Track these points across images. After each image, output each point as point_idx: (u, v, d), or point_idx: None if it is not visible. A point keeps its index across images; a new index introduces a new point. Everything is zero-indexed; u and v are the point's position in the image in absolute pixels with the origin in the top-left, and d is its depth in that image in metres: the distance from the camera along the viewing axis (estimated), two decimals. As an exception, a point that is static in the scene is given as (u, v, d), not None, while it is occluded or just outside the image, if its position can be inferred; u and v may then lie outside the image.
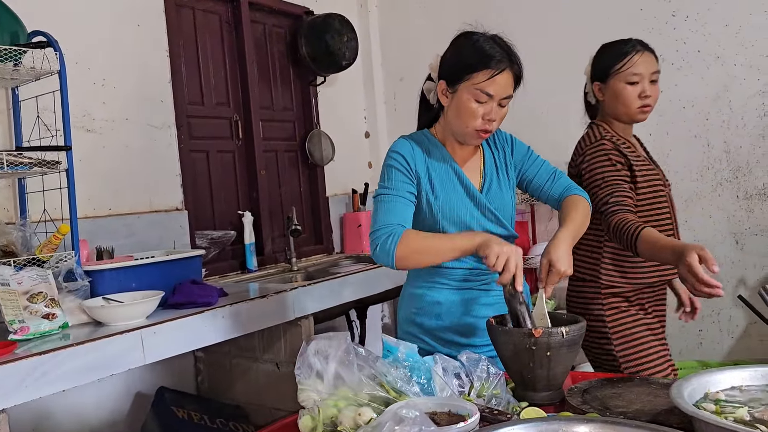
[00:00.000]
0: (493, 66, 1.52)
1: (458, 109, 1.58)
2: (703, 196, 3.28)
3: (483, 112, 1.55)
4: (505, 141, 1.75)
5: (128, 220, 2.65)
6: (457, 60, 1.59)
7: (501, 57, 1.53)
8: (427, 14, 3.90)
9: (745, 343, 3.23)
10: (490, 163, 1.71)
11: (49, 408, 2.31)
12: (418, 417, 0.89)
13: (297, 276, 3.24)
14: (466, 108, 1.56)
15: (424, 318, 1.68)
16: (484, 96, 1.54)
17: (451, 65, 1.60)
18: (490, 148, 1.73)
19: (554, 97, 3.60)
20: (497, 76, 1.52)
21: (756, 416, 1.06)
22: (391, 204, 1.56)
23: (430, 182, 1.63)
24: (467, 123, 1.57)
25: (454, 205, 1.62)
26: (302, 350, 1.22)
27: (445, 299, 1.66)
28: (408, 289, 1.75)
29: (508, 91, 1.56)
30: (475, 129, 1.57)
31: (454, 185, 1.64)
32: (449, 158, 1.66)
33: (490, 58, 1.53)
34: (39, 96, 2.25)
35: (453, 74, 1.58)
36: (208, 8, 3.19)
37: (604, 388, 1.35)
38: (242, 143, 3.31)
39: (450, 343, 1.65)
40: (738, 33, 3.12)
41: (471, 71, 1.54)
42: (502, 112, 1.59)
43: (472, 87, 1.54)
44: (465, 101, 1.56)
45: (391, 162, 1.62)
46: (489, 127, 1.57)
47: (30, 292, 1.90)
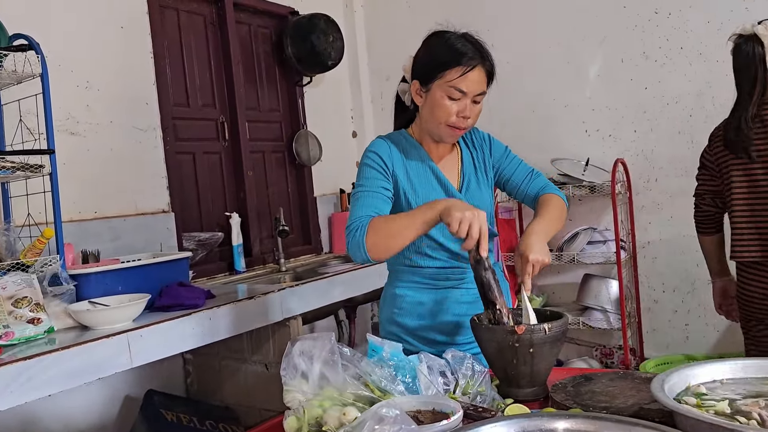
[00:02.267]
0: (464, 63, 1.54)
1: (432, 108, 1.58)
2: (688, 192, 3.30)
3: (457, 109, 1.56)
4: (483, 140, 1.75)
5: (114, 223, 2.64)
6: (429, 59, 1.60)
7: (473, 54, 1.55)
8: (412, 13, 3.91)
9: (731, 337, 3.26)
10: (468, 162, 1.71)
11: (36, 413, 2.29)
12: (398, 416, 0.90)
13: (285, 277, 3.24)
14: (440, 105, 1.57)
15: (406, 318, 1.67)
16: (457, 93, 1.55)
17: (424, 64, 1.60)
18: (467, 147, 1.74)
19: (539, 94, 3.62)
20: (469, 72, 1.54)
21: (743, 409, 1.07)
22: (364, 199, 1.54)
23: (409, 181, 1.63)
24: (441, 120, 1.58)
25: None
26: (287, 351, 1.22)
27: (427, 299, 1.66)
28: (389, 289, 1.74)
29: (481, 88, 1.58)
30: (450, 126, 1.58)
31: (433, 185, 1.65)
32: (426, 157, 1.67)
33: (461, 55, 1.54)
34: (21, 99, 2.24)
35: (426, 73, 1.59)
36: (193, 9, 3.18)
37: (589, 383, 1.36)
38: (229, 144, 3.31)
39: (432, 342, 1.65)
40: (720, 29, 3.15)
41: (443, 69, 1.54)
42: (477, 109, 1.60)
43: (445, 84, 1.55)
44: (438, 99, 1.57)
45: (367, 161, 1.61)
46: (463, 124, 1.58)
47: (14, 296, 1.89)
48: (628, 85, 3.39)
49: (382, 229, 1.46)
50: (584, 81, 3.50)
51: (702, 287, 3.31)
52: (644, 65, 3.35)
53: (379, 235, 1.46)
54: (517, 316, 1.46)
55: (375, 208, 1.53)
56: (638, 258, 3.45)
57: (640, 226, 3.44)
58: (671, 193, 3.34)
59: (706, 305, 3.31)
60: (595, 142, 3.49)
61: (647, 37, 3.32)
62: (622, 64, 3.39)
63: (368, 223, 1.48)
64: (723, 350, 3.23)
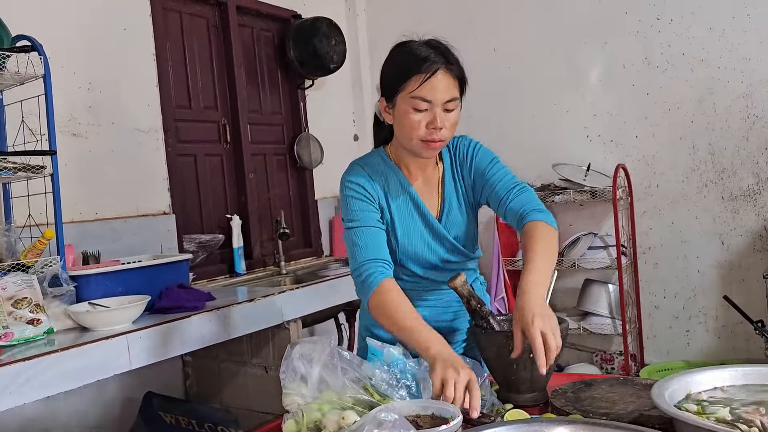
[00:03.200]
0: (424, 69, 1.40)
1: (400, 124, 1.46)
2: (688, 198, 3.31)
3: (426, 121, 1.42)
4: (467, 152, 1.58)
5: (115, 224, 2.64)
6: (389, 72, 1.48)
7: (434, 58, 1.41)
8: (415, 17, 3.91)
9: (732, 343, 3.26)
10: (449, 182, 1.57)
11: (35, 414, 2.29)
12: (397, 420, 0.89)
13: (286, 279, 3.23)
14: (406, 120, 1.43)
15: (381, 330, 1.56)
16: (422, 103, 1.41)
17: (385, 78, 1.49)
18: (452, 162, 1.59)
19: (541, 99, 3.63)
20: (431, 78, 1.40)
21: (743, 417, 1.06)
22: (361, 238, 1.46)
23: (390, 215, 1.54)
24: (411, 135, 1.44)
25: (413, 240, 1.54)
26: (287, 354, 1.22)
27: None
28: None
29: (450, 94, 1.43)
30: (421, 140, 1.44)
31: (412, 216, 1.55)
32: (406, 183, 1.55)
33: (421, 62, 1.41)
34: (24, 100, 2.24)
35: (388, 88, 1.47)
36: (196, 12, 3.18)
37: (589, 389, 1.36)
38: (230, 147, 3.31)
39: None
40: (721, 36, 3.16)
41: (404, 80, 1.42)
42: (451, 118, 1.44)
43: (408, 96, 1.42)
44: (404, 113, 1.43)
45: (350, 192, 1.51)
46: (436, 136, 1.43)
47: (14, 297, 1.89)
48: (629, 91, 3.39)
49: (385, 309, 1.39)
50: (586, 86, 3.50)
51: (703, 293, 3.31)
52: (646, 71, 3.35)
53: (380, 312, 1.41)
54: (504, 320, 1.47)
55: (376, 247, 1.45)
56: (639, 263, 3.45)
57: (641, 231, 3.43)
58: (672, 199, 3.34)
59: (707, 311, 3.31)
60: (596, 148, 3.49)
61: (649, 43, 3.32)
62: (624, 69, 3.40)
63: (379, 283, 1.40)
64: (724, 357, 3.23)
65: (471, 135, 1.62)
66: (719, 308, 3.25)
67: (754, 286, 3.16)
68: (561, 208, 3.58)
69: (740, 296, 3.13)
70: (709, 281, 3.29)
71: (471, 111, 3.71)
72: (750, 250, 3.19)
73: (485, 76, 3.64)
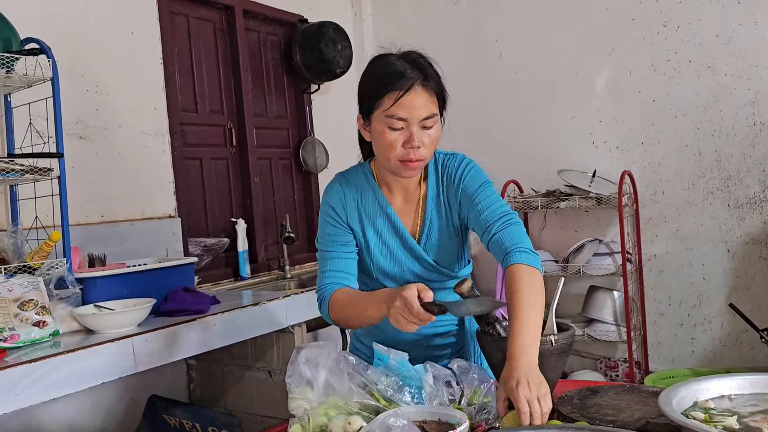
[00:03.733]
0: (399, 86, 1.33)
1: (377, 143, 1.40)
2: (694, 205, 3.30)
3: (402, 140, 1.36)
4: (455, 172, 1.49)
5: (121, 227, 2.65)
6: (364, 88, 1.42)
7: (410, 74, 1.34)
8: (421, 22, 3.92)
9: (737, 351, 3.24)
10: (432, 202, 1.50)
11: (39, 416, 2.29)
12: (405, 426, 0.89)
13: (290, 283, 3.24)
14: (382, 140, 1.37)
15: (367, 338, 1.60)
16: (397, 122, 1.34)
17: (361, 95, 1.43)
18: (437, 181, 1.51)
19: (547, 105, 3.63)
20: (405, 95, 1.33)
21: (752, 425, 1.06)
22: (326, 262, 1.49)
23: (364, 234, 1.51)
24: (388, 155, 1.38)
25: (387, 260, 1.51)
26: (293, 358, 1.22)
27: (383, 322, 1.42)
28: None
29: (427, 111, 1.35)
30: (399, 160, 1.37)
31: (389, 236, 1.50)
32: (385, 203, 1.50)
33: (395, 78, 1.34)
34: (32, 103, 2.25)
35: (364, 105, 1.41)
36: (203, 16, 3.20)
37: (595, 396, 1.35)
38: (236, 151, 3.32)
39: None
40: (728, 43, 3.15)
41: (378, 97, 1.35)
42: (431, 136, 1.38)
43: (382, 115, 1.36)
44: (380, 133, 1.37)
45: (324, 215, 1.52)
46: (415, 155, 1.36)
47: (20, 299, 1.89)
48: (635, 98, 3.39)
49: (341, 312, 1.44)
50: (592, 92, 3.50)
51: (708, 301, 3.30)
52: (652, 78, 3.35)
53: (339, 316, 1.45)
54: None
55: (337, 275, 1.47)
56: (644, 270, 3.44)
57: (646, 238, 3.43)
58: (678, 206, 3.33)
59: (712, 319, 3.30)
60: (602, 154, 3.49)
61: (656, 50, 3.32)
62: (630, 76, 3.39)
63: (329, 298, 1.45)
64: (729, 365, 3.21)
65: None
66: (724, 316, 3.24)
67: (760, 294, 3.14)
68: (566, 215, 3.58)
69: (746, 304, 3.12)
70: (715, 289, 3.28)
71: (476, 117, 3.74)
72: (756, 258, 3.18)
73: (491, 82, 3.65)
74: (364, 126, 1.45)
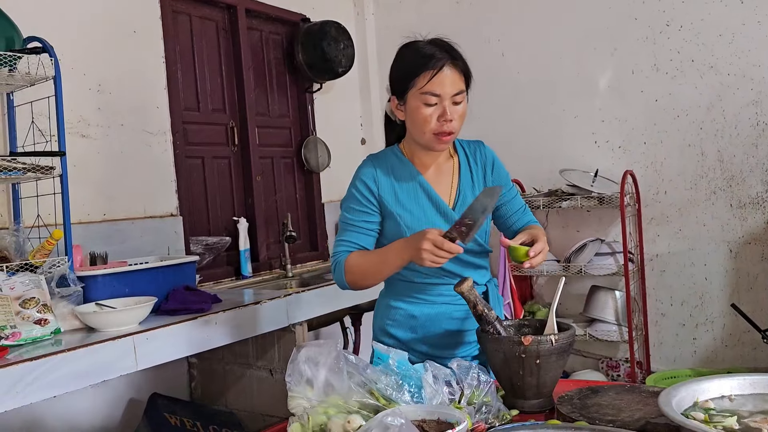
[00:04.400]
0: (431, 66, 1.51)
1: (412, 119, 1.56)
2: (697, 205, 3.30)
3: (437, 114, 1.52)
4: (486, 158, 1.69)
5: (122, 225, 2.65)
6: (398, 71, 1.58)
7: (440, 55, 1.52)
8: (423, 21, 3.91)
9: (739, 352, 3.24)
10: (466, 177, 1.66)
11: (40, 414, 2.30)
12: (403, 425, 0.89)
13: (292, 282, 3.24)
14: (418, 115, 1.54)
15: (398, 330, 1.67)
16: (432, 98, 1.51)
17: (395, 78, 1.59)
18: (468, 161, 1.68)
19: (549, 104, 3.62)
20: (438, 73, 1.50)
21: (752, 426, 1.06)
22: (345, 233, 1.62)
23: (398, 201, 1.61)
24: (423, 129, 1.54)
25: (422, 224, 1.59)
26: (293, 357, 1.22)
27: (420, 313, 1.64)
28: (383, 300, 1.73)
29: (457, 87, 1.53)
30: (434, 133, 1.54)
31: (422, 202, 1.62)
32: (416, 173, 1.63)
33: (428, 59, 1.52)
34: (34, 101, 2.26)
35: (399, 86, 1.57)
36: (205, 15, 3.20)
37: (595, 396, 1.35)
38: (238, 149, 3.32)
39: (423, 354, 1.63)
40: (731, 42, 3.14)
41: (413, 77, 1.52)
42: (459, 110, 1.55)
43: (418, 93, 1.52)
44: (415, 109, 1.54)
45: (354, 190, 1.64)
46: (447, 128, 1.53)
47: (22, 297, 1.90)
48: (638, 97, 3.39)
49: (356, 269, 1.57)
50: (594, 92, 3.49)
51: (710, 301, 3.29)
52: (655, 77, 3.34)
53: (355, 275, 1.57)
54: (510, 326, 1.47)
55: (354, 244, 1.60)
56: (646, 270, 3.43)
57: (648, 238, 3.42)
58: (680, 206, 3.33)
59: (714, 319, 3.29)
60: (604, 154, 3.48)
61: (658, 49, 3.31)
62: (633, 75, 3.39)
63: (344, 261, 1.57)
64: (731, 365, 3.21)
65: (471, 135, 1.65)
66: (726, 316, 3.23)
67: (762, 294, 3.14)
68: (568, 214, 3.57)
69: (748, 304, 3.11)
70: (717, 289, 3.28)
71: (478, 115, 3.72)
72: (758, 258, 3.17)
73: (493, 81, 3.64)
74: (397, 106, 1.60)
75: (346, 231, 1.62)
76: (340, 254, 1.59)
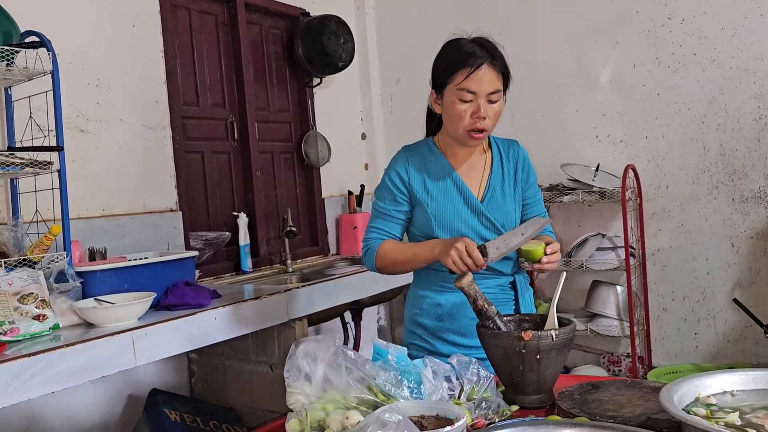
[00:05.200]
0: (470, 63, 1.55)
1: (448, 113, 1.61)
2: (699, 199, 3.28)
3: (471, 111, 1.57)
4: (518, 156, 1.76)
5: (122, 220, 2.64)
6: (439, 66, 1.63)
7: (480, 54, 1.56)
8: (424, 17, 3.90)
9: (741, 346, 3.23)
10: (497, 171, 1.72)
11: (39, 410, 2.29)
12: (401, 421, 0.88)
13: (292, 278, 3.23)
14: (453, 110, 1.59)
15: (425, 319, 1.73)
16: (467, 95, 1.56)
17: (435, 72, 1.64)
18: (500, 157, 1.74)
19: (550, 99, 3.61)
20: (475, 71, 1.54)
21: (754, 422, 1.05)
22: (378, 220, 1.72)
23: (427, 192, 1.68)
24: (457, 125, 1.59)
25: (448, 214, 1.67)
26: (291, 353, 1.21)
27: (446, 301, 1.70)
28: (413, 290, 1.80)
29: (494, 86, 1.57)
30: (467, 129, 1.59)
31: (451, 193, 1.68)
32: (448, 166, 1.70)
33: (467, 57, 1.56)
34: (32, 96, 2.24)
35: (438, 80, 1.62)
36: (204, 9, 3.18)
37: (596, 391, 1.34)
38: (238, 144, 3.31)
39: (450, 342, 1.70)
40: (734, 36, 3.12)
41: (451, 73, 1.57)
42: (495, 109, 1.59)
43: (455, 89, 1.57)
44: (451, 104, 1.59)
45: (387, 179, 1.72)
46: (481, 125, 1.58)
47: (21, 293, 1.89)
48: (640, 91, 3.37)
49: (389, 257, 1.67)
50: (596, 86, 3.48)
51: (712, 296, 3.28)
52: (657, 71, 3.32)
53: (386, 262, 1.68)
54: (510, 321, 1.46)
55: (385, 232, 1.70)
56: (647, 265, 3.42)
57: (650, 233, 3.41)
58: (682, 201, 3.31)
59: (716, 314, 3.28)
60: (605, 148, 3.47)
61: (660, 43, 3.29)
62: (635, 69, 3.37)
63: (377, 248, 1.68)
64: (732, 360, 3.20)
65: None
66: (728, 311, 3.22)
67: (764, 289, 3.12)
68: (569, 209, 3.56)
69: (750, 299, 3.10)
70: (719, 284, 3.26)
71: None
72: (760, 253, 3.16)
73: (494, 76, 3.62)
74: (435, 100, 1.66)
75: (377, 218, 1.72)
76: (373, 240, 1.69)
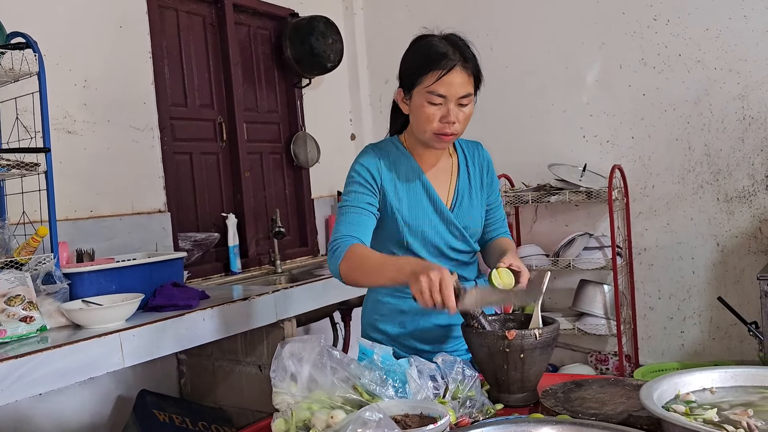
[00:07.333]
0: (442, 66, 1.46)
1: (416, 115, 1.53)
2: (684, 199, 3.32)
3: (440, 115, 1.49)
4: (483, 160, 1.71)
5: (109, 222, 2.64)
6: (408, 65, 1.54)
7: (451, 55, 1.47)
8: (412, 17, 3.91)
9: (726, 344, 3.26)
10: (464, 177, 1.66)
11: (28, 412, 2.29)
12: (382, 419, 0.89)
13: (281, 278, 3.23)
14: (421, 113, 1.51)
15: (387, 325, 1.66)
16: (437, 98, 1.48)
17: (404, 71, 1.55)
18: (467, 163, 1.68)
19: (537, 99, 3.63)
20: (446, 75, 1.46)
21: (731, 418, 1.06)
22: (348, 215, 1.54)
23: (397, 196, 1.59)
24: (425, 128, 1.52)
25: (420, 221, 1.59)
26: (277, 353, 1.22)
27: (409, 307, 1.63)
28: (372, 295, 1.73)
29: (465, 90, 1.49)
30: (434, 133, 1.51)
31: (421, 200, 1.61)
32: (417, 169, 1.62)
33: (439, 58, 1.47)
34: (18, 97, 2.24)
35: (406, 80, 1.54)
36: (192, 10, 3.18)
37: (579, 389, 1.36)
38: (226, 145, 3.31)
39: (412, 349, 1.63)
40: (718, 37, 3.16)
41: (421, 74, 1.49)
42: (464, 113, 1.52)
43: (424, 91, 1.49)
44: (419, 106, 1.51)
45: (354, 174, 1.60)
46: (449, 130, 1.51)
47: (7, 294, 1.89)
48: (626, 92, 3.40)
49: (356, 263, 1.45)
50: (582, 86, 3.50)
51: (697, 295, 3.32)
52: (642, 71, 3.35)
53: (352, 267, 1.46)
54: (495, 321, 1.48)
55: (357, 227, 1.52)
56: (634, 264, 3.45)
57: (636, 232, 3.44)
58: (668, 200, 3.35)
59: (702, 313, 3.31)
60: (592, 148, 3.50)
61: (646, 44, 3.32)
62: (621, 70, 3.40)
63: (347, 248, 1.46)
64: (718, 358, 3.23)
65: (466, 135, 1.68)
66: (714, 309, 3.26)
67: (749, 287, 3.16)
68: (557, 209, 3.59)
69: (735, 298, 3.14)
70: (704, 282, 3.30)
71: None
72: (745, 252, 3.19)
73: (482, 76, 3.64)
74: (403, 99, 1.57)
75: (347, 214, 1.54)
76: (343, 239, 1.49)
